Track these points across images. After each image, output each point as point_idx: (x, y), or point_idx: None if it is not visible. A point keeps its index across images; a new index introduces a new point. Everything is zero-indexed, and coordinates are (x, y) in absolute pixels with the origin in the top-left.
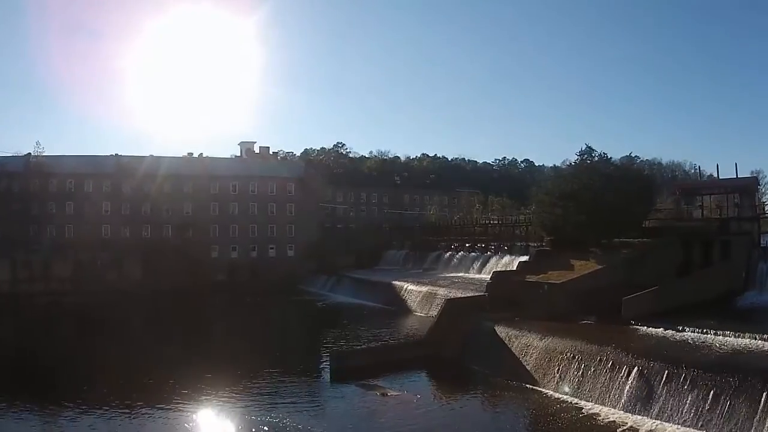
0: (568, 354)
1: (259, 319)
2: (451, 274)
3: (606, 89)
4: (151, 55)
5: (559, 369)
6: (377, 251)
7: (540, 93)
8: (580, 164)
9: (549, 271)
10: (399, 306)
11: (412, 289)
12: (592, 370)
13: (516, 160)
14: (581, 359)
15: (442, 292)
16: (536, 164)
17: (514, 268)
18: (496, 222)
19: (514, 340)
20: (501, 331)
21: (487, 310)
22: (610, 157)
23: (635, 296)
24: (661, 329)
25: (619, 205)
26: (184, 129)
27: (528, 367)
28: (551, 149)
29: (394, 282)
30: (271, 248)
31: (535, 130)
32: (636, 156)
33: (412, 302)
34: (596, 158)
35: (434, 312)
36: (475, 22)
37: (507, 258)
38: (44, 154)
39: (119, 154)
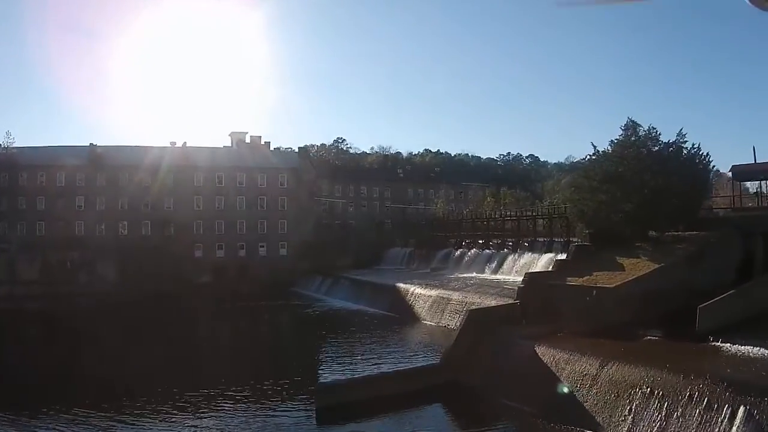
0: (644, 387)
1: (242, 329)
2: (464, 275)
3: (608, 86)
4: (147, 49)
5: (631, 408)
6: (379, 249)
7: (542, 90)
8: (624, 141)
9: (594, 272)
10: (404, 313)
11: (419, 293)
12: (680, 411)
13: (521, 155)
14: (663, 395)
15: (456, 296)
16: (541, 160)
17: (550, 268)
18: (514, 215)
19: (563, 366)
20: (544, 352)
21: (521, 322)
22: (659, 133)
23: (712, 304)
24: (752, 347)
25: (673, 190)
26: (182, 126)
27: (586, 406)
28: (554, 146)
29: (398, 284)
30: (261, 246)
31: (538, 127)
32: (686, 133)
33: (420, 308)
34: (641, 135)
35: (446, 321)
36: (476, 19)
37: (528, 256)
38: (15, 145)
39: (94, 143)
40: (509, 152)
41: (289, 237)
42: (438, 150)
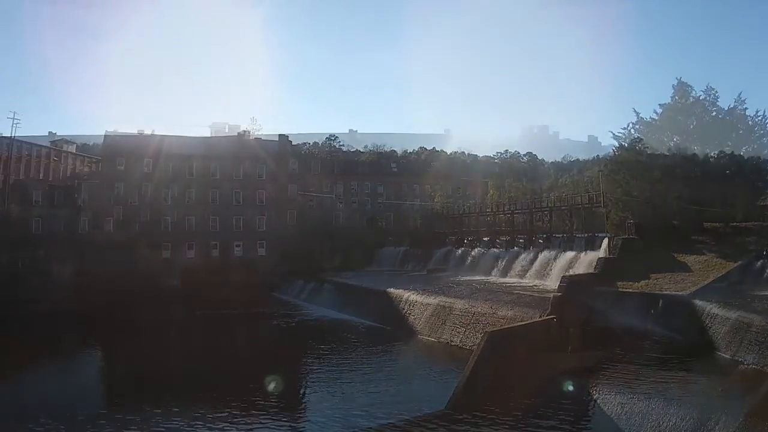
0: None
1: (199, 348)
2: (467, 278)
3: (609, 85)
4: (145, 45)
5: None
6: (370, 249)
7: (544, 87)
8: (675, 105)
9: (651, 274)
10: (397, 325)
11: (415, 301)
12: None
13: (519, 153)
14: None
15: (460, 305)
16: (538, 158)
17: (579, 269)
18: (526, 209)
19: (639, 421)
20: (606, 399)
21: (566, 348)
22: (718, 95)
23: None
24: None
25: (742, 167)
26: (177, 126)
27: None
28: (553, 145)
29: (390, 290)
30: (237, 246)
31: (537, 125)
32: (745, 99)
33: (416, 319)
34: (698, 97)
35: (448, 336)
36: (474, 18)
37: (545, 254)
38: None
39: (54, 132)
40: (506, 149)
41: (269, 235)
42: (434, 147)
